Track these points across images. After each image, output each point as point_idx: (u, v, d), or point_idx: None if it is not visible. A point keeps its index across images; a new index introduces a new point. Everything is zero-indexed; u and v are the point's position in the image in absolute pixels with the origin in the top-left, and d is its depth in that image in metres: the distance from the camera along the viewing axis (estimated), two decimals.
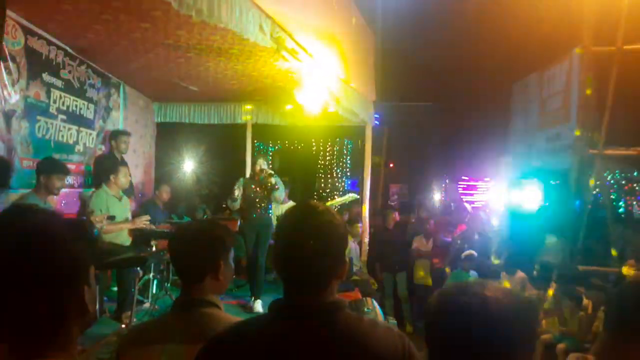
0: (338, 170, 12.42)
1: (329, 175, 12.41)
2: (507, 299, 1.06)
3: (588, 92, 6.98)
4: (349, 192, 9.15)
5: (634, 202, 10.85)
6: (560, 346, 5.42)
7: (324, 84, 5.13)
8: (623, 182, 11.06)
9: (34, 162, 4.67)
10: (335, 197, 10.89)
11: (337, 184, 12.37)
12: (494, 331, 1.02)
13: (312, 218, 1.34)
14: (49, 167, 4.32)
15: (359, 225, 7.42)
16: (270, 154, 11.79)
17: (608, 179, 10.66)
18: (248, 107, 8.07)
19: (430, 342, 1.09)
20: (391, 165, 12.29)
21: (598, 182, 7.21)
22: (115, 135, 6.19)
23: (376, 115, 8.38)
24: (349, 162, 12.31)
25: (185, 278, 1.77)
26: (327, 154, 12.45)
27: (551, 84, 9.05)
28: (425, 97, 13.59)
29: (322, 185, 12.37)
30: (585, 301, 5.64)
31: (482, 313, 1.03)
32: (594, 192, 7.24)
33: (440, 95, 13.54)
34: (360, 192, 7.92)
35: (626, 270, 5.77)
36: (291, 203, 7.98)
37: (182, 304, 1.74)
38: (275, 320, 1.32)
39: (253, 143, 9.00)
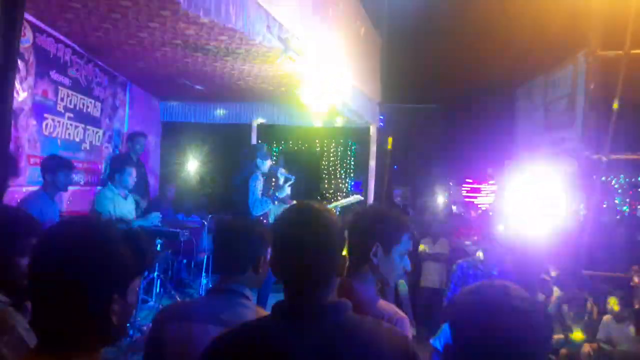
0: (342, 171, 12.40)
1: (332, 176, 12.39)
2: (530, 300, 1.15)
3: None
4: (353, 194, 9.14)
5: (638, 207, 10.81)
6: (563, 351, 5.39)
7: (329, 84, 5.15)
8: (627, 186, 11.03)
9: (41, 159, 4.69)
10: (339, 198, 10.89)
11: (340, 185, 12.35)
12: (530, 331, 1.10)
13: (309, 218, 1.34)
14: (53, 165, 4.35)
15: None
16: (275, 154, 11.80)
17: (612, 183, 10.64)
18: (254, 106, 8.08)
19: (459, 341, 1.14)
20: (395, 167, 12.31)
21: (603, 187, 7.19)
22: (132, 136, 6.48)
23: (381, 117, 8.38)
24: (352, 163, 12.29)
25: (226, 268, 1.90)
26: (332, 154, 12.43)
27: (556, 88, 9.03)
28: (430, 99, 13.57)
29: (326, 186, 12.36)
30: (589, 305, 5.61)
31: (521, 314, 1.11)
32: (599, 196, 7.21)
33: (445, 98, 13.52)
34: (364, 193, 7.91)
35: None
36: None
37: (219, 290, 1.88)
38: (279, 322, 1.30)
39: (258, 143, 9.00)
